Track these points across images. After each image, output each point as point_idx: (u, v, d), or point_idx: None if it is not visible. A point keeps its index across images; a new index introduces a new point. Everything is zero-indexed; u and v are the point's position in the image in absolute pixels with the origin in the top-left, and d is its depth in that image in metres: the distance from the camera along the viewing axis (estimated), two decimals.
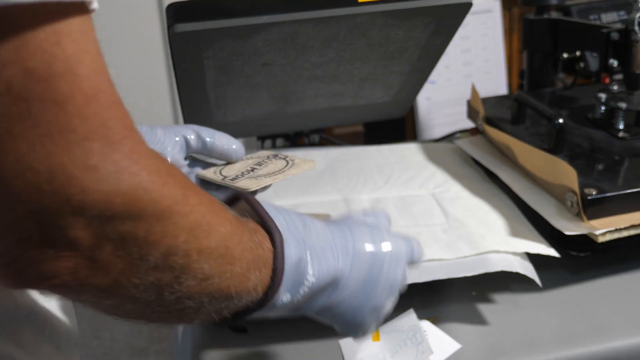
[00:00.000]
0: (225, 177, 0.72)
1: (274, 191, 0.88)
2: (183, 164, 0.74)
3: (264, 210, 0.53)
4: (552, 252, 0.75)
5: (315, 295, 0.54)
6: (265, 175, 0.71)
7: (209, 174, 0.73)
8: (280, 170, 0.73)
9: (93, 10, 0.37)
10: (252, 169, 0.74)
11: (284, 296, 0.52)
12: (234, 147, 0.75)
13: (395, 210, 0.84)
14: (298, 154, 0.93)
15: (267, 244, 0.51)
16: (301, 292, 0.53)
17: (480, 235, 0.77)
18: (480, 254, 0.73)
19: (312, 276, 0.53)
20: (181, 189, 0.42)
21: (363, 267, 0.57)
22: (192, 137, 0.74)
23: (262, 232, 0.51)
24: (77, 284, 0.39)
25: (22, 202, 0.35)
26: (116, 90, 0.40)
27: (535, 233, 0.78)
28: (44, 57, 0.34)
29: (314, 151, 1.00)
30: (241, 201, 0.56)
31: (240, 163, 0.75)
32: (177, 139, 0.73)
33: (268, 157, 0.76)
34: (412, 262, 0.62)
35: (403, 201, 0.86)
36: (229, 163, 0.75)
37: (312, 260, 0.53)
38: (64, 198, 0.36)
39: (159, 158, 0.42)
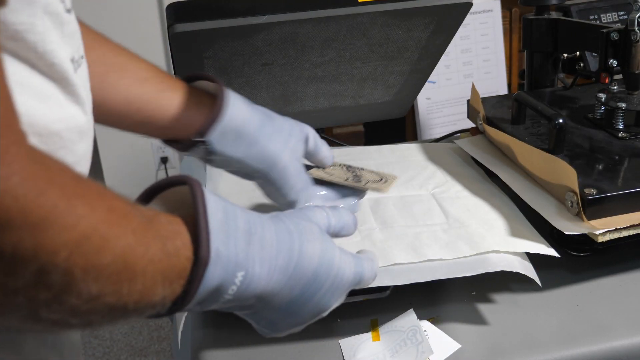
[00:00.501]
0: (347, 178, 0.75)
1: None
2: (300, 156, 0.74)
3: (205, 214, 0.47)
4: (552, 252, 0.75)
5: (230, 305, 0.51)
6: (376, 182, 0.75)
7: (321, 173, 0.76)
8: (382, 181, 0.76)
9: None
10: (356, 176, 0.77)
11: (195, 307, 0.48)
12: (330, 154, 0.76)
13: (395, 210, 0.84)
14: None
15: (187, 251, 0.46)
16: (214, 306, 0.50)
17: (481, 235, 0.77)
18: (481, 254, 0.74)
19: (231, 295, 0.49)
20: (66, 198, 0.38)
21: (297, 288, 0.53)
22: (311, 137, 0.74)
23: (185, 237, 0.46)
24: None
25: None
26: (4, 86, 0.36)
27: (535, 233, 0.78)
28: None
29: None
30: (181, 188, 0.51)
31: (335, 168, 0.79)
32: (304, 135, 0.74)
33: (350, 167, 0.80)
34: (359, 286, 0.59)
35: (403, 201, 0.86)
36: (318, 166, 0.78)
37: (240, 282, 0.49)
38: None
39: (42, 162, 0.38)
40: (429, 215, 0.82)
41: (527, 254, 0.76)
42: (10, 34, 0.43)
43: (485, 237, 0.76)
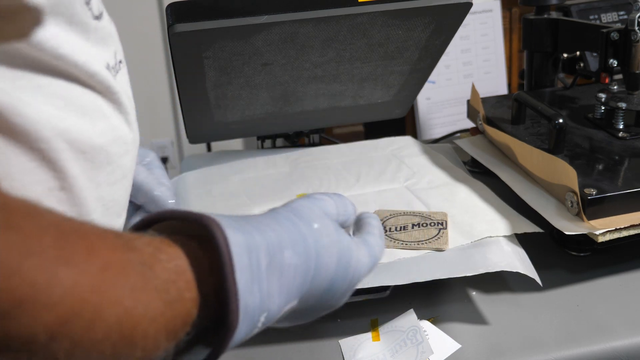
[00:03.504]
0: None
1: (248, 197, 0.88)
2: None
3: (233, 273, 0.40)
4: (536, 229, 0.77)
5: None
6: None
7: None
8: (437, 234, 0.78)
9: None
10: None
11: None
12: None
13: (377, 206, 0.84)
14: (262, 159, 0.98)
15: (191, 292, 0.40)
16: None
17: (468, 224, 0.79)
18: (475, 241, 0.75)
19: (252, 334, 0.45)
20: (47, 270, 0.31)
21: (312, 300, 0.49)
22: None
23: (188, 275, 0.40)
24: None
25: None
26: None
27: (514, 212, 0.81)
28: None
29: (276, 155, 1.00)
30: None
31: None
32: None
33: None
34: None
35: (381, 196, 0.87)
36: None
37: (263, 323, 0.44)
38: None
39: (14, 226, 0.31)
40: (411, 209, 0.83)
41: (527, 254, 0.76)
42: (50, 52, 0.42)
43: (473, 226, 0.78)
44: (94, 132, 0.46)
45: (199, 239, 0.42)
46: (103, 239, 0.36)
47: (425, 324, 0.71)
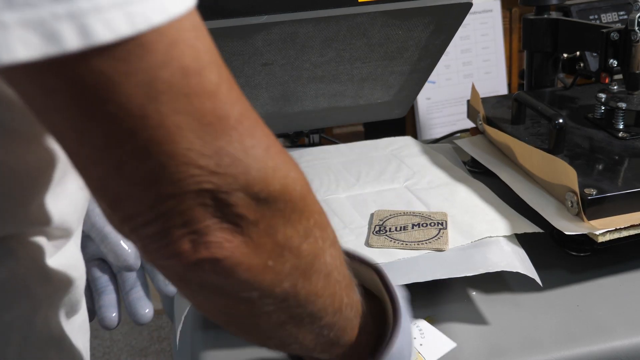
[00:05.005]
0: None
1: None
2: None
3: (399, 307, 0.52)
4: (536, 229, 0.77)
5: None
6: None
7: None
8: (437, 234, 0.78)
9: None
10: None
11: None
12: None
13: (377, 206, 0.84)
14: None
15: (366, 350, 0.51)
16: None
17: (468, 224, 0.78)
18: (475, 241, 0.75)
19: None
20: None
21: None
22: None
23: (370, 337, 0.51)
24: (233, 262, 0.39)
25: (196, 183, 0.37)
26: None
27: (514, 212, 0.81)
28: (193, 53, 0.35)
29: None
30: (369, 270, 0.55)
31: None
32: None
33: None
34: None
35: (381, 196, 0.87)
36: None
37: None
38: (232, 178, 0.37)
39: None
40: (411, 209, 0.83)
41: (526, 253, 0.76)
42: None
43: (473, 226, 0.78)
44: None
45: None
46: None
47: (421, 323, 0.71)
